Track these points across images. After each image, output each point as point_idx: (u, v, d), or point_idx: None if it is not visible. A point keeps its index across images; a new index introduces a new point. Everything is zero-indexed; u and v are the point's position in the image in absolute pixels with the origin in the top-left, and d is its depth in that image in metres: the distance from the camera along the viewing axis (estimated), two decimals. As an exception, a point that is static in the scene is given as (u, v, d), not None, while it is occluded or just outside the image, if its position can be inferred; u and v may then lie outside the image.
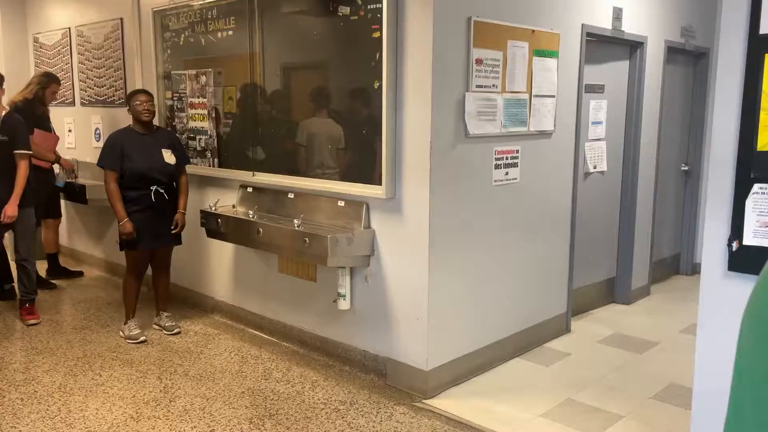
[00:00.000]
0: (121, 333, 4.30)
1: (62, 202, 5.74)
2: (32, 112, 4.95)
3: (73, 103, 6.03)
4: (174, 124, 4.78)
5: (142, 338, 4.18)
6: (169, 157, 4.19)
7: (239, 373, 3.75)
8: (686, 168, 5.86)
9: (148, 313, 4.53)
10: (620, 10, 4.52)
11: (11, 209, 4.22)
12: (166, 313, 4.43)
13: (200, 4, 4.39)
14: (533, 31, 3.74)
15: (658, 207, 5.35)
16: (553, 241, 4.21)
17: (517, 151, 3.79)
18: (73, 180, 5.50)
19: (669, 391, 3.57)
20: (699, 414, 2.27)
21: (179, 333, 4.30)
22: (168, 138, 4.32)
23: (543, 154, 4.00)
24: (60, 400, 3.40)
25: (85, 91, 5.85)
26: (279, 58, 3.97)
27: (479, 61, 3.42)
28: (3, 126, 4.22)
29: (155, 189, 4.13)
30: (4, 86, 4.36)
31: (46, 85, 5.16)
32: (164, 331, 4.33)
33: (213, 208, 4.20)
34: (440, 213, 3.36)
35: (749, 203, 2.06)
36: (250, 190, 4.21)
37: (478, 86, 3.44)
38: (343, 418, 3.23)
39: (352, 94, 3.56)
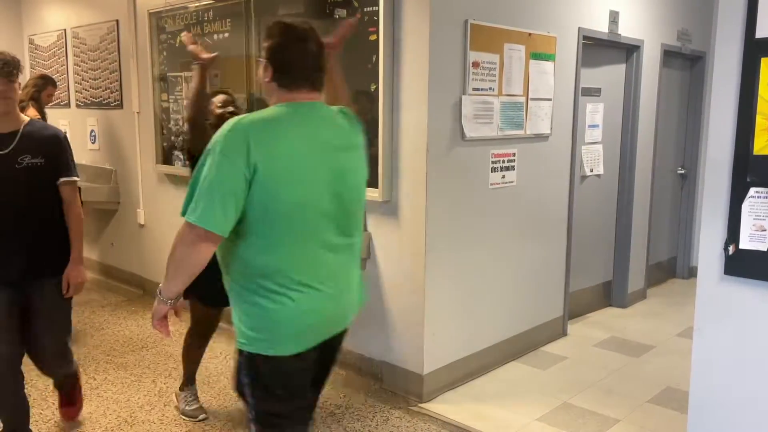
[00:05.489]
0: (174, 400, 3.40)
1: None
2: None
3: (68, 105, 6.01)
4: (170, 126, 4.77)
5: (203, 416, 3.22)
6: None
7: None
8: (683, 171, 5.86)
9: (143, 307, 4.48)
10: (617, 13, 4.52)
11: (79, 274, 2.74)
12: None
13: (196, 6, 4.38)
14: (530, 34, 3.74)
15: (654, 210, 5.35)
16: (549, 245, 4.21)
17: (514, 154, 3.79)
18: None
19: (665, 394, 3.56)
20: (695, 418, 2.26)
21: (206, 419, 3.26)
22: None
23: (540, 157, 4.00)
24: (54, 404, 3.37)
25: (81, 93, 5.84)
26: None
27: (476, 64, 3.42)
28: (31, 142, 2.64)
29: None
30: (19, 80, 2.68)
31: (42, 87, 5.13)
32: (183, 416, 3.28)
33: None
34: (437, 216, 3.36)
35: (745, 207, 2.06)
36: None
37: (474, 89, 3.43)
38: (338, 422, 3.21)
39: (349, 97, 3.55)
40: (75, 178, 2.75)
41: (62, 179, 2.71)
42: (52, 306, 2.72)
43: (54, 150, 2.69)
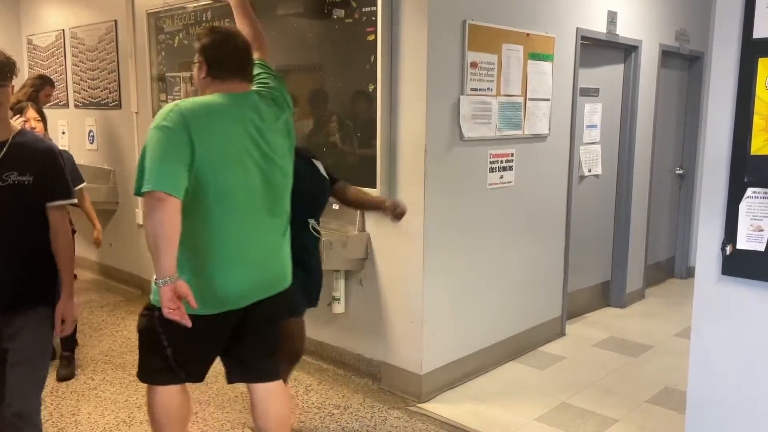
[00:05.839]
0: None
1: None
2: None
3: (66, 105, 6.01)
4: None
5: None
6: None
7: (233, 377, 3.72)
8: (681, 171, 5.87)
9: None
10: (615, 13, 4.53)
11: (72, 310, 2.37)
12: None
13: (194, 6, 4.38)
14: (528, 34, 3.75)
15: (652, 210, 5.35)
16: (548, 245, 4.21)
17: (512, 155, 3.79)
18: None
19: (663, 394, 3.57)
20: (693, 418, 2.26)
21: None
22: None
23: (538, 157, 4.00)
24: (52, 404, 3.37)
25: (79, 93, 5.83)
26: (274, 60, 3.95)
27: (474, 65, 3.42)
28: (19, 156, 2.24)
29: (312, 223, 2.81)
30: (13, 83, 2.29)
31: (40, 87, 5.12)
32: None
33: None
34: (435, 216, 3.36)
35: (743, 207, 2.06)
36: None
37: (473, 89, 3.44)
38: (337, 422, 3.21)
39: (347, 97, 3.56)
40: (65, 202, 2.34)
41: (51, 203, 2.29)
42: (28, 342, 2.28)
43: (46, 167, 2.27)
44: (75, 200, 2.43)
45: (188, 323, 1.96)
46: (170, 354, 2.17)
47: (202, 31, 2.20)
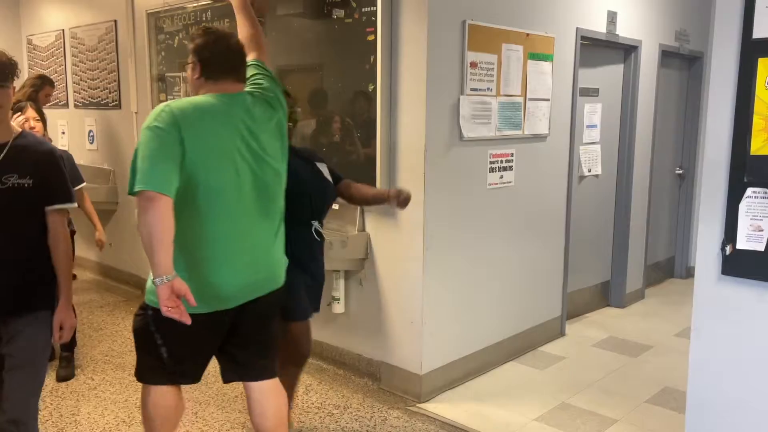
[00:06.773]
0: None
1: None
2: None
3: (66, 105, 6.01)
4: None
5: None
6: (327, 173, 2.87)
7: (233, 377, 3.72)
8: (680, 171, 5.87)
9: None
10: (615, 14, 4.53)
11: (70, 317, 2.31)
12: None
13: (194, 6, 4.38)
14: (528, 34, 3.75)
15: (652, 210, 5.36)
16: (547, 245, 4.21)
17: (512, 155, 3.79)
18: None
19: (663, 394, 3.57)
20: (693, 418, 2.26)
21: None
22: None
23: (538, 157, 4.00)
24: (52, 404, 3.37)
25: (79, 93, 5.83)
26: (273, 60, 3.95)
27: (474, 65, 3.42)
28: (20, 158, 2.20)
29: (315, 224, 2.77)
30: (14, 85, 2.26)
31: (40, 87, 5.12)
32: None
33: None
34: (435, 216, 3.36)
35: (742, 207, 2.06)
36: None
37: (472, 89, 3.44)
38: (337, 422, 3.21)
39: (347, 97, 3.56)
40: (64, 206, 2.30)
41: (50, 207, 2.26)
42: (26, 346, 2.23)
43: (46, 170, 2.24)
44: (75, 204, 2.37)
45: (188, 320, 1.96)
46: (164, 353, 2.21)
47: (195, 32, 2.24)
